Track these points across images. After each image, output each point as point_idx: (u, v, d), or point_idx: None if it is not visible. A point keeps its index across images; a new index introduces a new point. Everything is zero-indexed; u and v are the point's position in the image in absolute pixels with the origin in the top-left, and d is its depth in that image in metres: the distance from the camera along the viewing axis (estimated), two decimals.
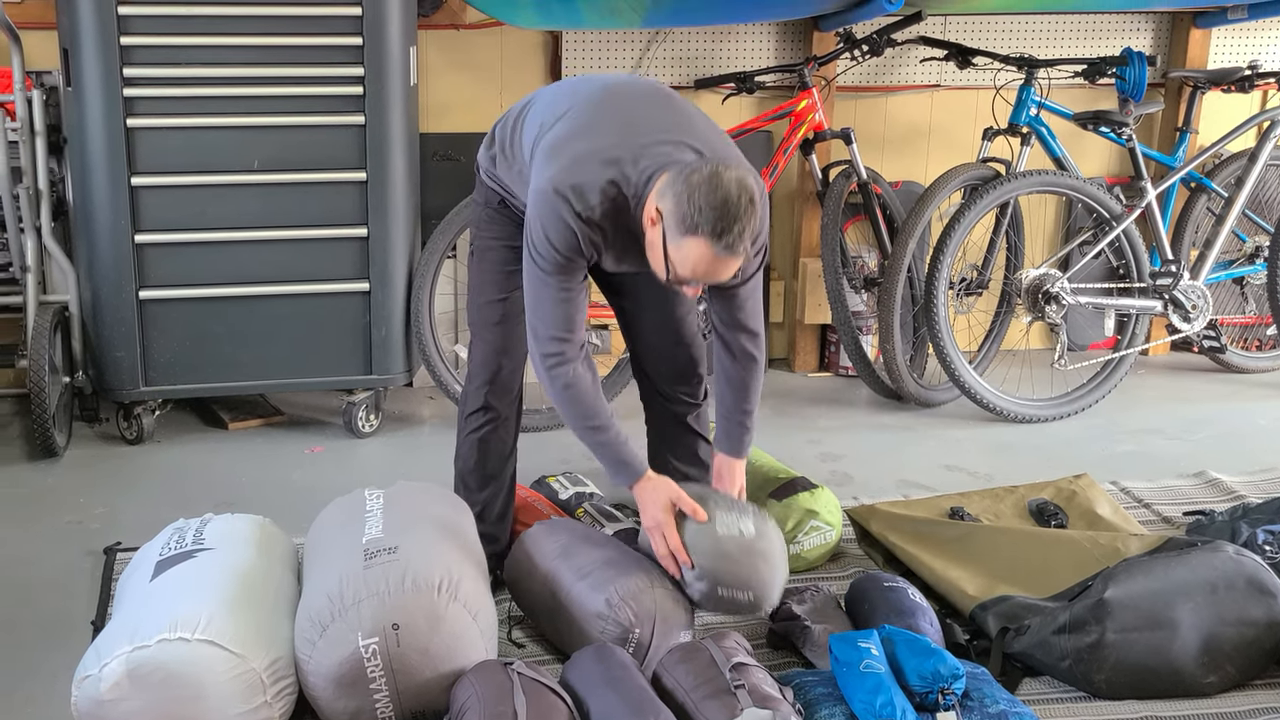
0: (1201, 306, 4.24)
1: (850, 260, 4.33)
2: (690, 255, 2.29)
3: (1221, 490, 3.50)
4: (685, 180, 2.26)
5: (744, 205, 2.25)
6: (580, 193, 2.36)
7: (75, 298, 3.68)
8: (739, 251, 2.27)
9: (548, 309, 2.48)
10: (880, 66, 4.52)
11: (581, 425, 2.54)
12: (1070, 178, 4.10)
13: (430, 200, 4.05)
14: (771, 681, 2.29)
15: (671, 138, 2.40)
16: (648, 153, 2.36)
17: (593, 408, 2.53)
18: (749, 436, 2.72)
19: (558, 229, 2.39)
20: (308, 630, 2.27)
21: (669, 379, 2.88)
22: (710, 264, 2.29)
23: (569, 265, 2.44)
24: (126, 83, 3.43)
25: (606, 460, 2.56)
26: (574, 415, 2.54)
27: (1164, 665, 2.44)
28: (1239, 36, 4.74)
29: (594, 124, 2.46)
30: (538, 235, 2.42)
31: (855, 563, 3.04)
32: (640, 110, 2.50)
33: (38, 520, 3.22)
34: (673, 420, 2.91)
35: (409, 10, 3.67)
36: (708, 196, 2.23)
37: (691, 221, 2.24)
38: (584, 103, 2.51)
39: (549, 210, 2.39)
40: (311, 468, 3.64)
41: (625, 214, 2.39)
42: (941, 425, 4.09)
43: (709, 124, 2.56)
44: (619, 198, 2.37)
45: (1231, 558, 2.53)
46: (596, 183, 2.36)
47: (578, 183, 2.36)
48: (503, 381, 2.80)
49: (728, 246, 2.25)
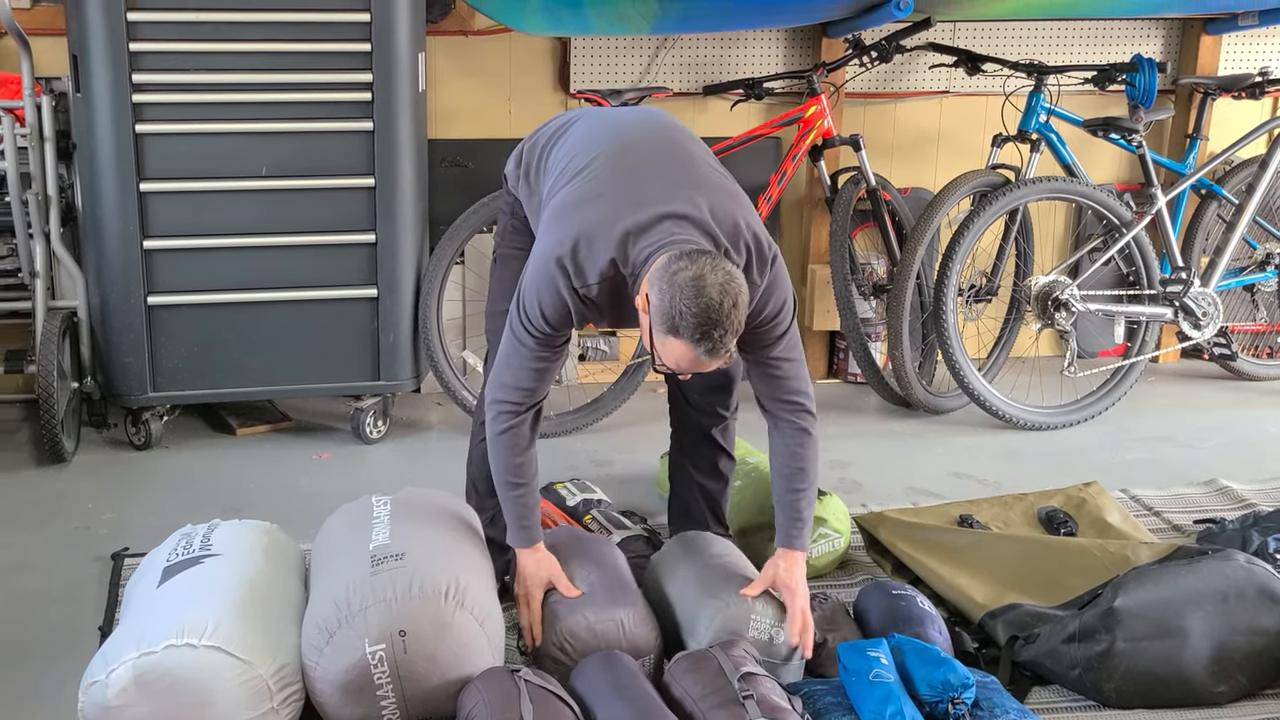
0: (1212, 313, 4.23)
1: (859, 267, 4.32)
2: (673, 352, 2.29)
3: (1232, 498, 3.49)
4: (670, 280, 2.24)
5: (726, 310, 2.22)
6: (580, 270, 2.37)
7: (84, 303, 3.69)
8: (720, 355, 2.27)
9: (519, 370, 2.49)
10: (889, 73, 4.51)
11: (505, 477, 2.55)
12: (1080, 184, 4.09)
13: (438, 206, 4.05)
14: (780, 691, 2.28)
15: (677, 210, 2.37)
16: (651, 230, 2.35)
17: (522, 465, 2.55)
18: (803, 523, 2.56)
19: (552, 301, 2.40)
20: (314, 637, 2.27)
21: (700, 390, 2.85)
22: (692, 363, 2.30)
23: (553, 338, 2.46)
24: (135, 89, 3.43)
25: (511, 517, 2.58)
26: (502, 464, 2.55)
27: (1174, 674, 2.43)
28: (1250, 43, 4.73)
29: (605, 189, 2.45)
30: (530, 303, 2.42)
31: (864, 570, 3.03)
32: (652, 171, 2.48)
33: (45, 525, 3.22)
34: (697, 430, 2.89)
35: (417, 16, 3.67)
36: (690, 301, 2.21)
37: (673, 323, 2.24)
38: (600, 161, 2.51)
39: (546, 281, 2.39)
40: (319, 474, 3.64)
41: (623, 290, 2.40)
42: (950, 432, 4.08)
43: (720, 178, 2.53)
44: (616, 277, 2.38)
45: (1242, 566, 2.52)
46: (597, 263, 2.36)
47: (578, 259, 2.37)
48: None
49: (708, 351, 2.25)
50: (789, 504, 2.58)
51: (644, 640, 2.45)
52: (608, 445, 3.86)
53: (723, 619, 2.46)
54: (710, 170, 2.55)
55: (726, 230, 2.38)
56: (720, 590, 2.50)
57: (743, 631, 2.45)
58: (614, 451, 3.80)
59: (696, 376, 2.82)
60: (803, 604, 2.50)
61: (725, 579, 2.54)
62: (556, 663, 2.43)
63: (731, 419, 2.90)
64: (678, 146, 2.58)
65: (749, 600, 2.47)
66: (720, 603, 2.48)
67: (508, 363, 2.51)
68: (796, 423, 2.57)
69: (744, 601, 2.47)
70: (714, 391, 2.85)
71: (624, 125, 2.65)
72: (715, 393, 2.85)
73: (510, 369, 2.50)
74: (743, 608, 2.47)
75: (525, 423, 2.53)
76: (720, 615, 2.46)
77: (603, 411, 3.99)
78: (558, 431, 3.91)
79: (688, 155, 2.56)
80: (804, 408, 2.56)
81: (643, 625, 2.46)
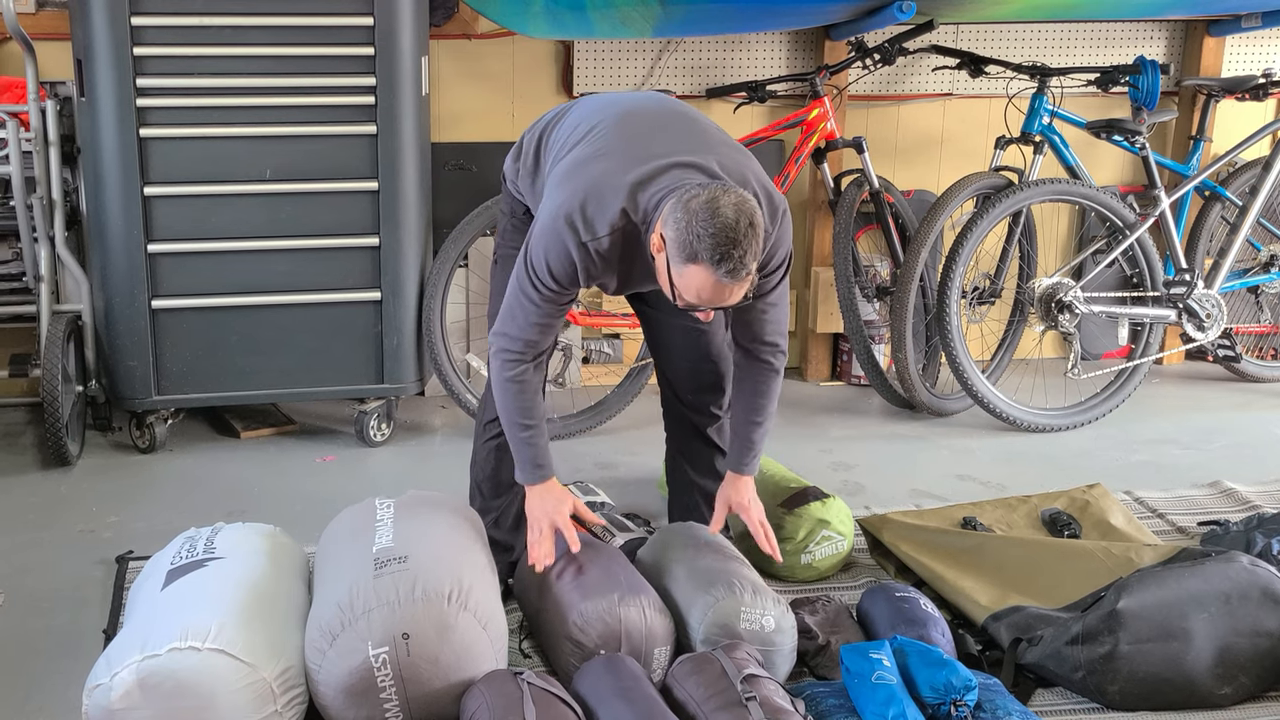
0: (1216, 315, 4.22)
1: (862, 269, 4.33)
2: (693, 282, 2.28)
3: (1236, 500, 3.48)
4: (684, 207, 2.25)
5: (743, 229, 2.22)
6: (590, 223, 2.36)
7: (88, 307, 3.70)
8: (741, 276, 2.26)
9: (524, 324, 2.50)
10: (892, 75, 4.51)
11: (514, 418, 2.56)
12: (1083, 186, 4.09)
13: (442, 209, 4.06)
14: (783, 693, 2.28)
15: (685, 159, 2.39)
16: (659, 178, 2.36)
17: (530, 407, 2.55)
18: (755, 452, 2.69)
19: (559, 258, 2.40)
20: (318, 639, 2.27)
21: (692, 389, 2.86)
22: (713, 290, 2.28)
23: (559, 296, 2.46)
24: (139, 93, 3.44)
25: (522, 457, 2.59)
26: (510, 406, 2.55)
27: (1178, 676, 2.43)
28: (1253, 45, 4.73)
29: (609, 148, 2.46)
30: (538, 259, 2.43)
31: (867, 573, 3.03)
32: (657, 132, 2.50)
33: (50, 529, 3.23)
34: (692, 430, 2.90)
35: (421, 20, 3.67)
36: (706, 224, 2.21)
37: (691, 249, 2.23)
38: (603, 127, 2.52)
39: (554, 238, 2.39)
40: (323, 477, 3.65)
41: (634, 241, 2.40)
42: (954, 435, 4.08)
43: (725, 139, 2.55)
44: (628, 226, 2.37)
45: (1246, 568, 2.52)
46: (606, 214, 2.36)
47: (588, 212, 2.37)
48: None
49: (729, 272, 2.24)
50: (745, 434, 2.68)
51: (662, 628, 2.45)
52: (611, 448, 3.86)
53: (715, 612, 2.47)
54: (716, 132, 2.56)
55: (736, 180, 2.39)
56: (711, 584, 2.51)
57: (735, 624, 2.45)
58: (617, 454, 3.80)
59: (689, 371, 2.82)
60: (759, 517, 2.70)
61: (716, 572, 2.55)
62: (577, 645, 2.42)
63: (725, 417, 2.90)
64: (681, 113, 2.60)
65: (739, 593, 2.48)
66: (712, 597, 2.49)
67: (512, 315, 2.51)
68: (771, 362, 2.64)
69: (735, 594, 2.48)
70: (707, 390, 2.86)
71: (625, 99, 2.67)
72: (708, 391, 2.86)
73: (515, 321, 2.50)
74: (733, 601, 2.47)
75: (532, 367, 2.54)
76: (713, 609, 2.47)
77: (606, 414, 4.00)
78: (561, 434, 3.91)
79: (693, 119, 2.58)
80: (780, 348, 2.64)
81: (662, 613, 2.47)
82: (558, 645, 2.47)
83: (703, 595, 2.50)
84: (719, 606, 2.47)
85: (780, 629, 2.48)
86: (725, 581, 2.51)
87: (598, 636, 2.41)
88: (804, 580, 2.98)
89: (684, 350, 2.83)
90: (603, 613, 2.42)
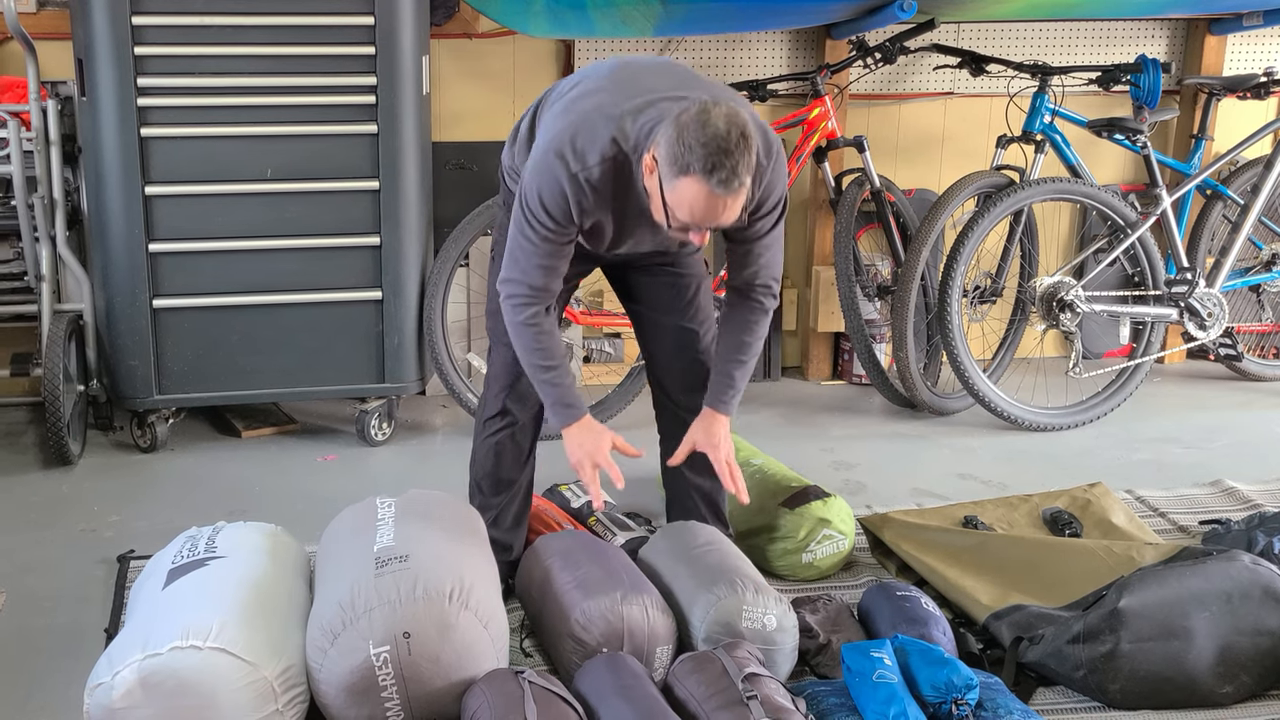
0: (1217, 314, 4.22)
1: (863, 268, 4.33)
2: (685, 196, 2.26)
3: (1238, 499, 3.48)
4: (675, 122, 2.25)
5: (735, 139, 2.21)
6: (580, 154, 2.37)
7: (90, 306, 3.70)
8: (735, 188, 2.23)
9: (526, 267, 2.50)
10: (893, 74, 4.51)
11: (535, 361, 2.55)
12: (1085, 185, 4.09)
13: (443, 209, 4.06)
14: (784, 692, 2.28)
15: (677, 94, 2.40)
16: (650, 109, 2.36)
17: (549, 348, 2.55)
18: (734, 390, 2.67)
19: (552, 191, 2.39)
20: (319, 638, 2.27)
21: (685, 390, 2.86)
22: (707, 203, 2.25)
23: (557, 234, 2.44)
24: (140, 92, 3.44)
25: (550, 399, 2.58)
26: (529, 350, 2.55)
27: (1179, 675, 2.43)
28: (1255, 43, 4.73)
29: (601, 88, 2.47)
30: (531, 195, 2.43)
31: (868, 572, 3.03)
32: (650, 75, 2.51)
33: (52, 528, 3.23)
34: (685, 428, 2.90)
35: (422, 19, 3.67)
36: (696, 134, 2.21)
37: (683, 161, 2.22)
38: (595, 76, 2.54)
39: (546, 171, 2.40)
40: (324, 476, 3.65)
41: (626, 175, 2.39)
42: (955, 434, 4.07)
43: (720, 84, 2.57)
44: (619, 156, 2.37)
45: (1247, 567, 2.52)
46: (597, 143, 2.36)
47: (578, 143, 2.37)
48: (522, 388, 2.79)
49: (722, 182, 2.22)
50: (727, 370, 2.66)
51: (664, 627, 2.45)
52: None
53: (717, 611, 2.47)
54: (712, 80, 2.57)
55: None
56: (713, 582, 2.51)
57: (736, 622, 2.45)
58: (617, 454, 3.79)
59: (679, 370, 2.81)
60: (726, 456, 2.67)
61: (717, 570, 2.55)
62: (579, 644, 2.42)
63: None
64: (677, 64, 2.62)
65: (741, 592, 2.48)
66: (714, 596, 2.49)
67: (515, 260, 2.51)
68: (763, 302, 2.64)
69: (736, 593, 2.48)
70: (699, 390, 2.84)
71: (620, 58, 2.70)
72: (700, 391, 2.84)
73: (518, 266, 2.50)
74: (735, 599, 2.47)
75: (543, 310, 2.53)
76: (715, 608, 2.47)
77: (607, 414, 4.00)
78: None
79: (687, 69, 2.59)
80: (772, 291, 2.64)
81: (664, 611, 2.47)
82: (559, 644, 2.47)
83: (704, 594, 2.50)
84: (721, 605, 2.47)
85: (782, 628, 2.48)
86: (727, 580, 2.51)
87: (600, 635, 2.41)
88: (805, 579, 2.98)
89: (676, 351, 2.83)
90: (605, 611, 2.42)
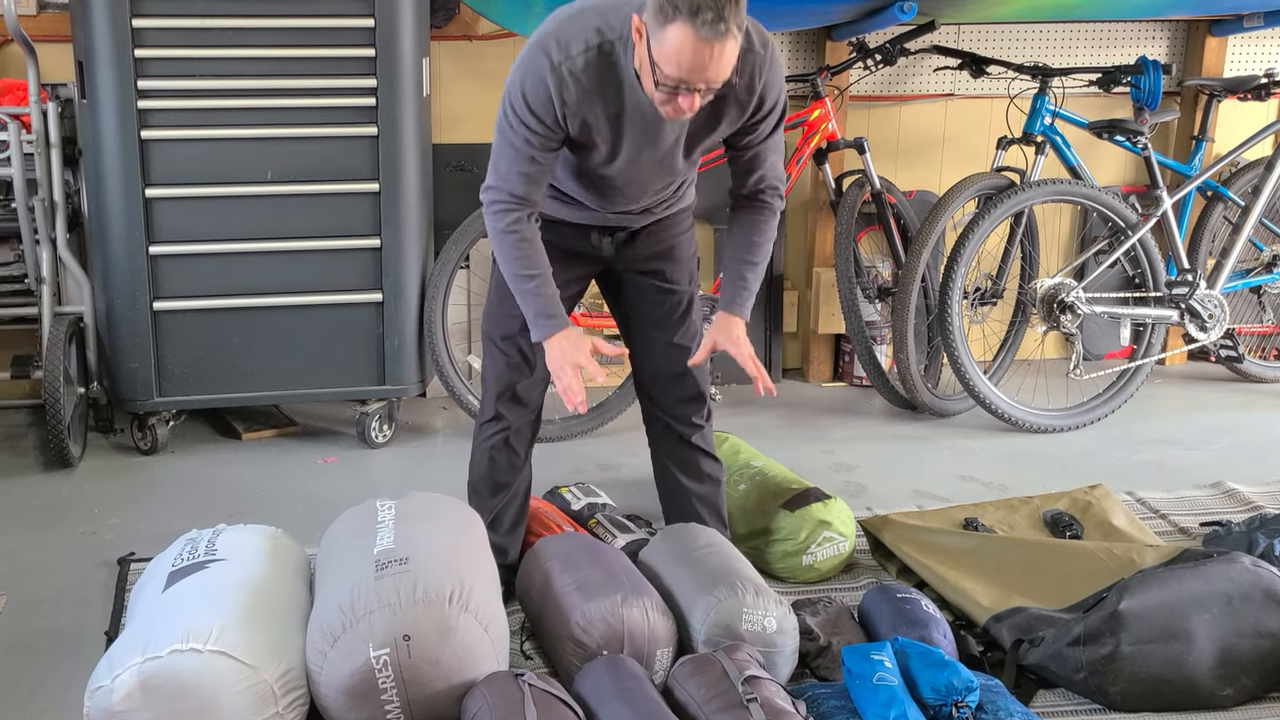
0: (1218, 316, 4.22)
1: (864, 270, 4.32)
2: (672, 46, 2.23)
3: (1239, 501, 3.48)
4: None
5: None
6: (563, 44, 2.37)
7: (90, 309, 3.70)
8: (722, 32, 2.20)
9: (505, 172, 2.50)
10: (893, 76, 4.51)
11: (516, 271, 2.54)
12: (1085, 186, 4.09)
13: (443, 210, 4.06)
14: (785, 695, 2.28)
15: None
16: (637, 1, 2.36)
17: (530, 256, 2.54)
18: (749, 293, 2.67)
19: (534, 84, 2.39)
20: (319, 641, 2.27)
21: (674, 401, 2.86)
22: (695, 50, 2.22)
23: (541, 135, 2.43)
24: (141, 95, 3.45)
25: (530, 311, 2.56)
26: (510, 258, 2.54)
27: (1180, 678, 2.43)
28: (1255, 45, 4.73)
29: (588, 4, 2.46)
30: (515, 92, 2.43)
31: (868, 574, 3.03)
32: None
33: (52, 530, 3.23)
34: (677, 439, 2.89)
35: (422, 22, 3.68)
36: None
37: (668, 9, 2.21)
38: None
39: (529, 66, 2.40)
40: (324, 478, 3.65)
41: (613, 65, 2.38)
42: (956, 435, 4.07)
43: None
44: (604, 44, 2.37)
45: (1248, 569, 2.52)
46: (581, 34, 2.37)
47: (562, 37, 2.38)
48: (518, 396, 2.78)
49: (707, 24, 2.19)
50: (739, 273, 2.67)
51: (664, 629, 2.45)
52: (612, 449, 3.86)
53: (717, 613, 2.47)
54: None
55: None
56: (714, 585, 2.51)
57: (737, 625, 2.45)
58: (618, 455, 3.80)
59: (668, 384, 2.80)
60: (748, 353, 2.64)
61: (718, 573, 2.55)
62: (579, 646, 2.42)
63: (708, 426, 2.89)
64: None
65: (741, 595, 2.48)
66: (714, 598, 2.48)
67: (496, 166, 2.52)
68: (770, 203, 2.65)
69: (737, 596, 2.48)
70: (688, 402, 2.85)
71: None
72: (689, 403, 2.85)
73: (498, 172, 2.52)
74: (735, 602, 2.47)
75: (525, 216, 2.53)
76: (715, 610, 2.47)
77: (607, 416, 4.00)
78: (562, 435, 3.91)
79: None
80: (778, 191, 2.65)
81: (665, 614, 2.47)
82: (560, 646, 2.47)
83: (705, 596, 2.50)
84: (721, 607, 2.47)
85: (782, 630, 2.48)
86: (727, 583, 2.51)
87: (600, 637, 2.41)
88: (805, 581, 2.98)
89: (666, 366, 2.82)
90: (605, 614, 2.42)
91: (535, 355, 2.72)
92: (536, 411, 2.84)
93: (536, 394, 2.81)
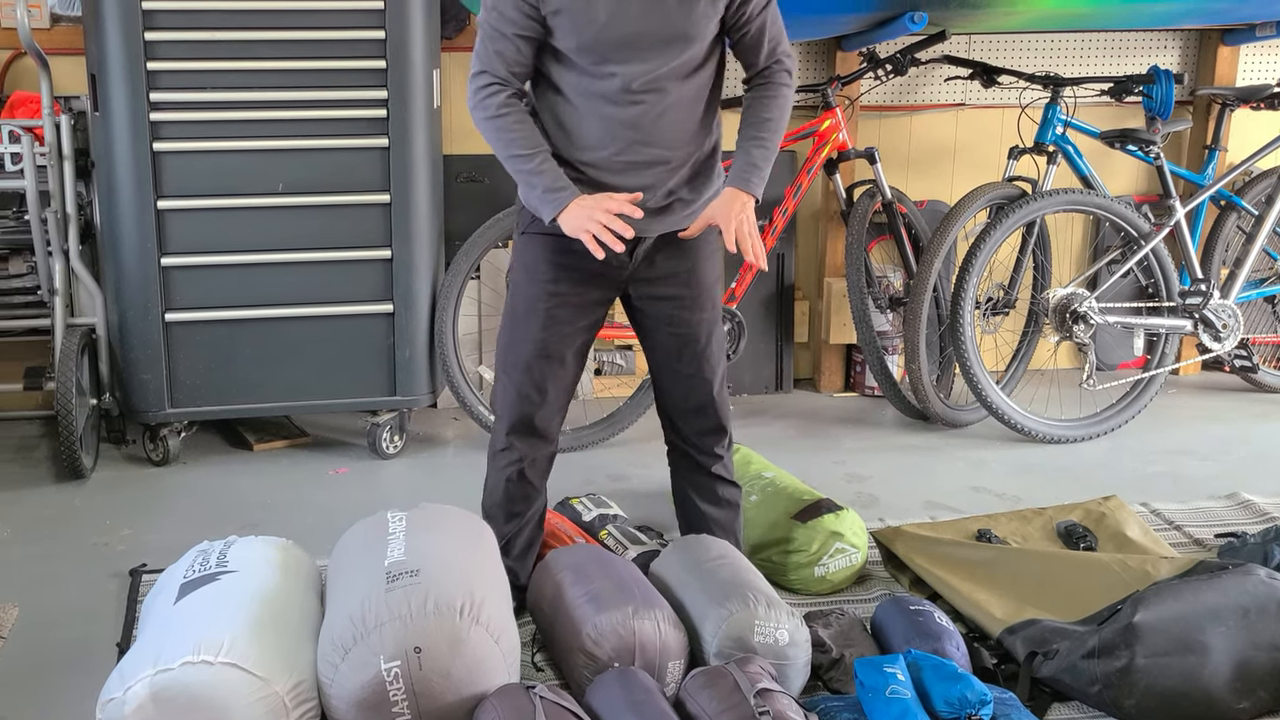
0: (1232, 325, 4.20)
1: (875, 280, 4.32)
2: None
3: (1254, 512, 3.46)
4: None
5: None
6: None
7: (102, 320, 3.71)
8: None
9: (487, 54, 2.50)
10: (904, 86, 4.51)
11: (513, 152, 2.51)
12: (1097, 196, 4.07)
13: (454, 222, 4.07)
14: (797, 708, 2.27)
15: None
16: None
17: (525, 135, 2.50)
18: (759, 172, 2.58)
19: None
20: (330, 653, 2.27)
21: (696, 431, 2.83)
22: None
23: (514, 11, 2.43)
24: (153, 107, 3.46)
25: (539, 189, 2.51)
26: (505, 141, 2.51)
27: (1195, 691, 2.41)
28: (1268, 53, 4.71)
29: None
30: None
31: (881, 585, 3.02)
32: None
33: (64, 541, 3.24)
34: (696, 466, 2.87)
35: (432, 33, 3.68)
36: None
37: None
38: None
39: None
40: (336, 489, 3.65)
41: None
42: (968, 446, 4.06)
43: None
44: None
45: (1264, 581, 2.50)
46: None
47: None
48: (533, 428, 2.74)
49: None
50: (749, 150, 2.61)
51: (676, 641, 2.45)
52: (623, 460, 3.85)
53: (729, 626, 2.46)
54: None
55: None
56: (726, 597, 2.50)
57: (749, 637, 2.44)
58: (629, 466, 3.80)
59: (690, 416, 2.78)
60: (737, 228, 2.53)
61: (730, 585, 2.54)
62: (590, 658, 2.41)
63: (728, 456, 2.87)
64: None
65: (753, 607, 2.47)
66: (726, 610, 2.48)
67: (479, 54, 2.52)
68: (780, 77, 2.61)
69: (749, 608, 2.47)
70: (710, 434, 2.82)
71: None
72: (711, 434, 2.82)
73: (482, 58, 2.51)
74: (747, 614, 2.46)
75: (511, 94, 2.51)
76: (727, 622, 2.46)
77: (618, 426, 3.99)
78: (573, 446, 3.91)
79: None
80: (786, 66, 2.61)
81: (676, 626, 2.46)
82: (571, 658, 2.46)
83: (716, 608, 2.49)
84: (733, 620, 2.46)
85: (794, 642, 2.47)
86: (739, 595, 2.50)
87: (611, 649, 2.40)
88: (817, 593, 2.96)
89: (687, 396, 2.80)
90: (617, 626, 2.41)
91: (548, 383, 2.70)
92: (552, 443, 2.80)
93: (553, 425, 2.77)
